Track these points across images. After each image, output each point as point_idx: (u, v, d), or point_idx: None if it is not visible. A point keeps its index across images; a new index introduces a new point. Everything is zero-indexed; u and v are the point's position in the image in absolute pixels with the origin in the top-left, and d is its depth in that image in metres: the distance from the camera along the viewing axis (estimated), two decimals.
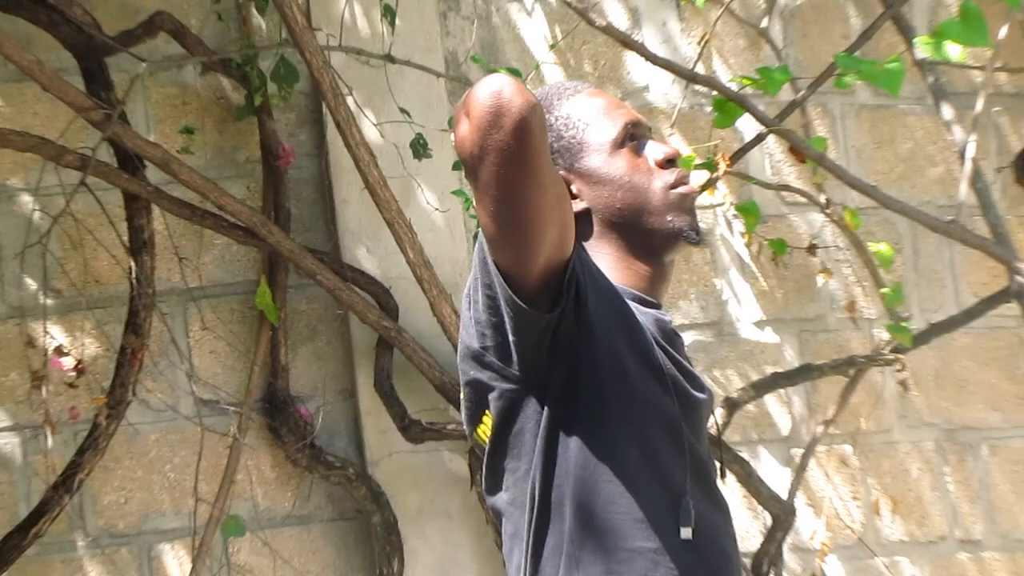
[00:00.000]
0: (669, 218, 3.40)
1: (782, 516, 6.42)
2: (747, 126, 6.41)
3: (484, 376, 3.23)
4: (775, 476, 6.57)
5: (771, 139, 6.39)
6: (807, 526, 6.66)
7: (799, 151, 6.33)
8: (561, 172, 3.39)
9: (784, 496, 6.44)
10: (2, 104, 6.24)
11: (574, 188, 3.41)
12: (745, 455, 6.52)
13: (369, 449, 6.30)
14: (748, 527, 6.66)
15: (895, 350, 6.40)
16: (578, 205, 3.37)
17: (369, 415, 6.28)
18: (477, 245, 3.26)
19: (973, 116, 6.42)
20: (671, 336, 3.43)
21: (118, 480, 6.18)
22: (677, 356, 3.38)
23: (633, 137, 3.44)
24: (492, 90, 3.00)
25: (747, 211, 6.49)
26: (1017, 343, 6.93)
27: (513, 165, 3.01)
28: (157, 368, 6.17)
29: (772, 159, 6.74)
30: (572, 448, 3.21)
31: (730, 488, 6.48)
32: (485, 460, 3.32)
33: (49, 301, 6.16)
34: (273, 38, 6.27)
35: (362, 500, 6.21)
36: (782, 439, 6.74)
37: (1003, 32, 6.02)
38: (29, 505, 6.00)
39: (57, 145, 5.84)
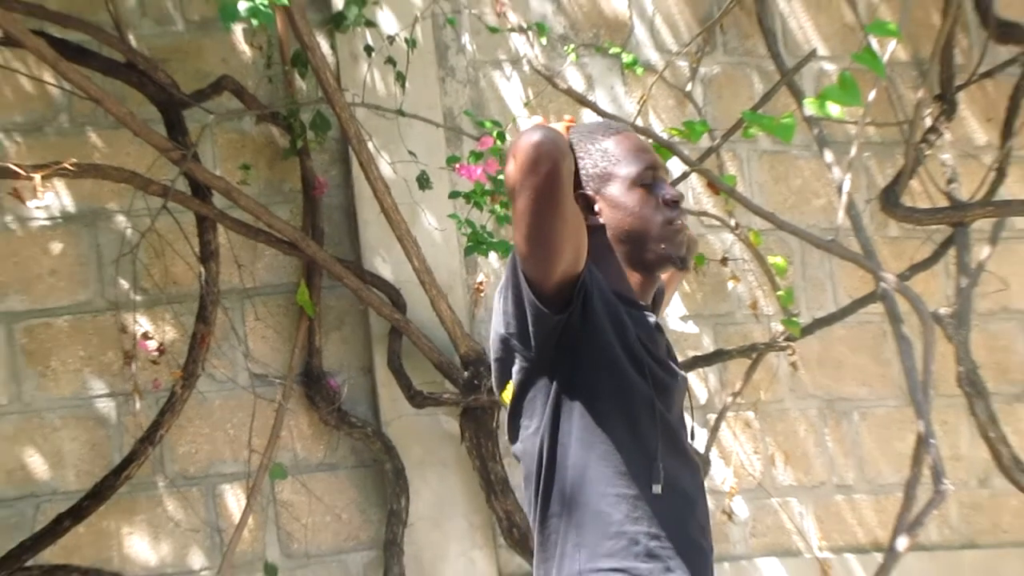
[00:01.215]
0: (663, 246, 3.51)
1: (700, 465, 6.60)
2: (675, 166, 6.24)
3: (509, 355, 3.43)
4: (695, 435, 6.70)
5: (693, 176, 6.35)
6: (719, 474, 6.66)
7: (715, 185, 6.36)
8: (590, 192, 3.52)
9: (702, 450, 6.42)
10: (103, 146, 6.21)
11: (597, 207, 3.51)
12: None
13: (383, 412, 6.33)
14: None
15: (787, 339, 6.44)
16: (597, 221, 3.48)
17: (383, 386, 6.32)
18: (511, 256, 3.40)
19: (848, 159, 6.40)
20: (652, 333, 3.54)
21: (189, 435, 6.22)
22: (654, 350, 3.50)
23: (650, 178, 3.52)
24: (534, 142, 3.21)
25: None
26: (881, 334, 6.87)
27: (543, 202, 3.21)
28: (220, 349, 6.23)
29: (694, 191, 6.68)
30: (575, 415, 3.38)
31: None
32: (508, 416, 3.51)
33: (137, 297, 6.17)
34: (311, 96, 6.26)
35: (377, 452, 6.26)
36: (700, 407, 6.70)
37: (872, 95, 6.02)
38: (121, 454, 6.05)
39: (144, 178, 5.87)
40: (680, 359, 6.29)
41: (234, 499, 6.21)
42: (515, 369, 3.44)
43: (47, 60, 5.63)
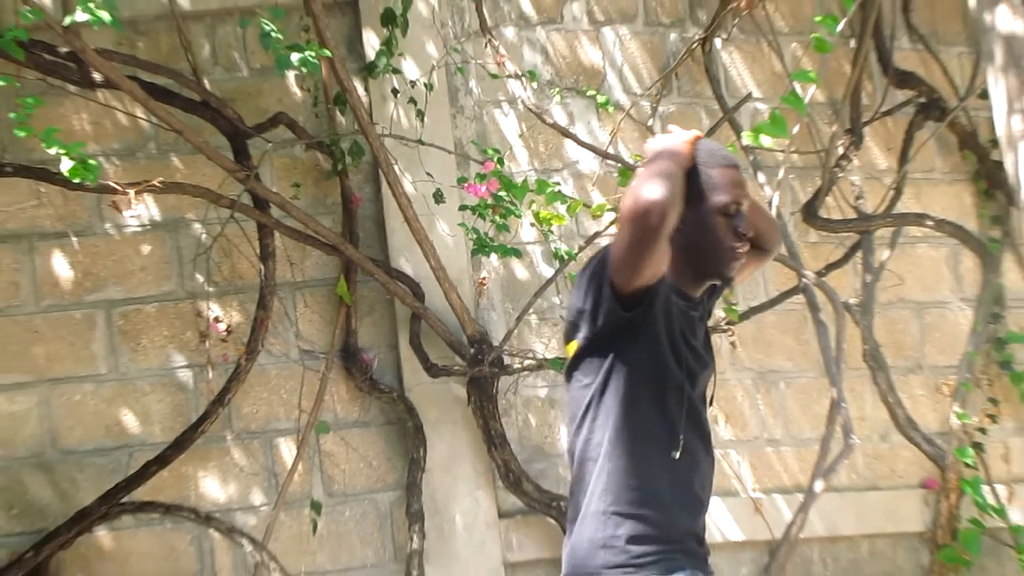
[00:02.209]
0: (719, 266, 3.58)
1: (711, 434, 6.39)
2: None
3: (578, 323, 3.51)
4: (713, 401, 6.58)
5: None
6: None
7: None
8: (688, 205, 3.49)
9: None
10: (183, 168, 6.19)
11: (689, 214, 3.51)
12: None
13: (406, 381, 6.29)
14: None
15: (728, 323, 6.39)
16: (683, 225, 3.46)
17: (406, 360, 6.28)
18: (602, 254, 3.46)
19: (777, 180, 6.46)
20: (693, 325, 3.62)
21: (251, 398, 6.19)
22: (691, 340, 3.57)
23: (733, 210, 3.54)
24: (656, 199, 3.26)
25: None
26: (803, 319, 6.75)
27: (644, 243, 3.29)
28: (276, 330, 6.20)
29: None
30: (621, 386, 3.47)
31: None
32: (567, 367, 3.58)
33: (210, 289, 6.18)
34: (349, 128, 6.21)
35: (401, 412, 6.23)
36: None
37: (795, 129, 5.97)
38: (197, 413, 6.05)
39: (216, 193, 5.87)
40: None
41: (287, 449, 6.19)
42: (580, 335, 3.52)
43: (139, 99, 5.64)
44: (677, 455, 3.49)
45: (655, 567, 3.42)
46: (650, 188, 3.28)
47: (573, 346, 3.56)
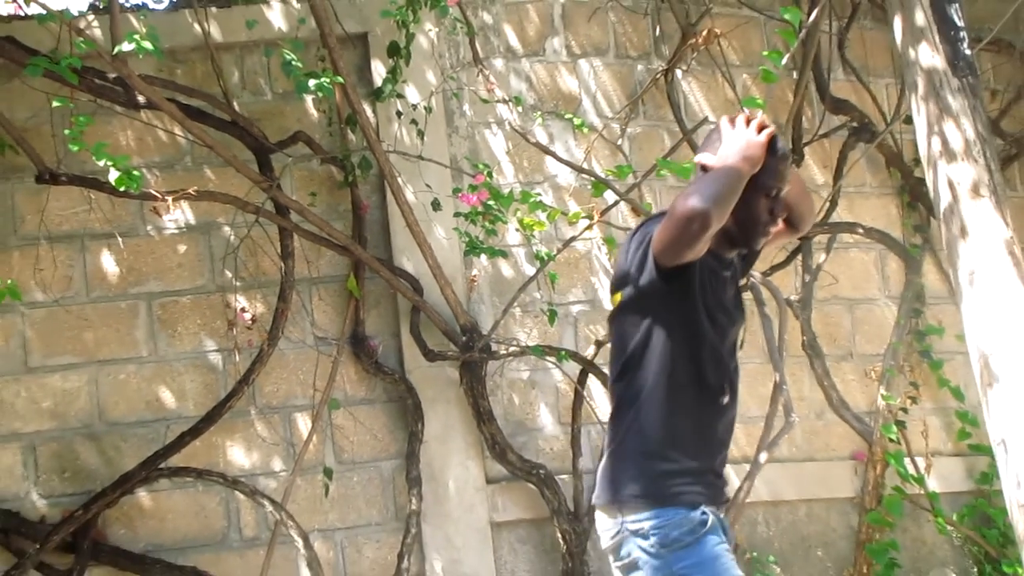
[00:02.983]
0: (752, 240, 3.59)
1: (736, 383, 6.26)
2: (610, 196, 6.21)
3: (625, 280, 3.49)
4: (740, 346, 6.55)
5: (622, 204, 6.31)
6: None
7: (636, 210, 6.27)
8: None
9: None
10: (215, 178, 6.15)
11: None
12: (606, 370, 6.05)
13: (407, 364, 6.24)
14: (606, 408, 5.89)
15: None
16: None
17: (407, 347, 6.23)
18: (650, 230, 3.41)
19: None
20: (724, 283, 3.59)
21: (273, 379, 6.16)
22: (722, 297, 3.56)
23: (775, 193, 3.52)
24: (704, 210, 3.20)
25: (609, 241, 6.31)
26: (750, 313, 5.91)
27: (684, 241, 3.27)
28: (294, 320, 6.15)
29: (622, 214, 6.48)
30: (662, 340, 3.45)
31: (597, 386, 6.39)
32: (613, 312, 3.57)
33: (237, 283, 6.15)
34: (359, 145, 6.16)
35: (402, 391, 6.19)
36: None
37: None
38: (225, 391, 6.03)
39: (243, 200, 5.86)
40: (604, 334, 6.20)
41: (303, 423, 6.17)
42: (625, 292, 3.50)
43: (176, 119, 5.66)
44: (704, 405, 3.50)
45: (677, 499, 3.40)
46: (707, 198, 3.24)
47: (618, 297, 3.53)
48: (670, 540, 3.39)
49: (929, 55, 5.65)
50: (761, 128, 3.51)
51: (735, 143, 3.46)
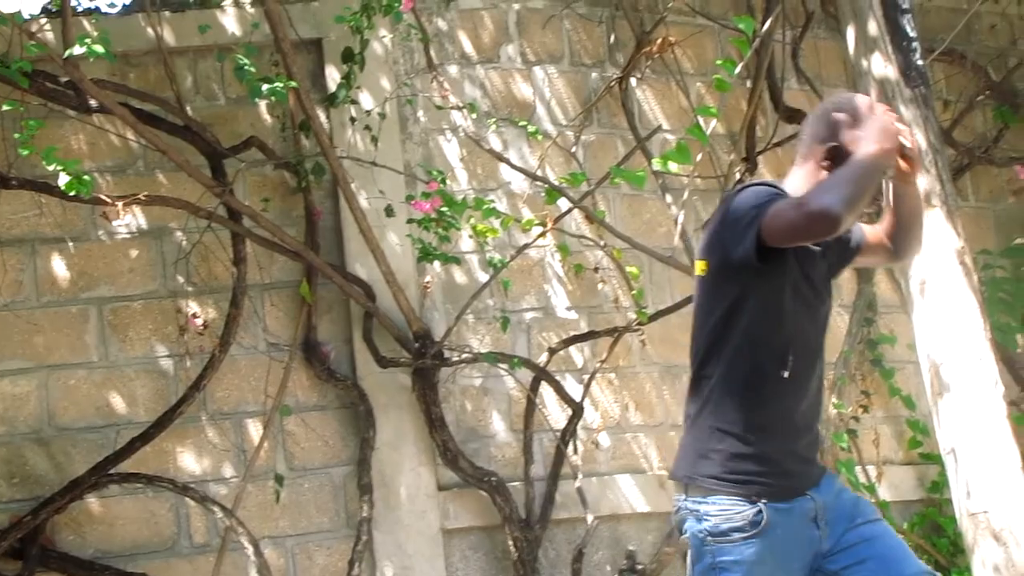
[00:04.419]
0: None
1: (577, 410, 6.36)
2: (563, 204, 6.29)
3: (715, 249, 3.34)
4: (573, 389, 6.46)
5: (576, 211, 6.34)
6: (590, 416, 6.53)
7: (590, 217, 6.37)
8: (844, 149, 3.32)
9: (577, 399, 6.37)
10: (167, 183, 6.12)
11: (836, 164, 3.34)
12: (558, 377, 6.39)
13: (359, 370, 6.24)
14: (558, 415, 6.45)
15: (639, 324, 6.36)
16: (828, 168, 3.36)
17: (359, 353, 6.24)
18: (744, 203, 3.26)
19: (682, 200, 6.43)
20: (814, 259, 3.42)
21: (224, 385, 6.14)
22: (811, 274, 3.39)
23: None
24: (834, 211, 3.05)
25: (563, 248, 6.41)
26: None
27: (803, 234, 3.15)
28: (246, 326, 6.15)
29: (576, 221, 6.51)
30: (745, 316, 3.31)
31: (549, 393, 6.38)
32: (699, 277, 3.41)
33: (189, 288, 6.14)
34: (312, 151, 6.13)
35: (354, 398, 6.19)
36: (578, 369, 6.58)
37: (699, 157, 6.02)
38: (176, 396, 6.00)
39: (195, 205, 5.88)
40: (563, 338, 6.55)
41: (254, 429, 6.16)
42: (714, 259, 3.36)
43: (129, 123, 5.72)
44: (787, 385, 3.36)
45: (739, 489, 3.32)
46: (844, 201, 3.11)
47: (703, 265, 3.43)
48: (719, 531, 3.33)
49: (882, 65, 5.79)
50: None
51: (876, 132, 3.27)
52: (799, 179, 3.46)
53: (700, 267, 3.44)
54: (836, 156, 3.39)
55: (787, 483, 3.36)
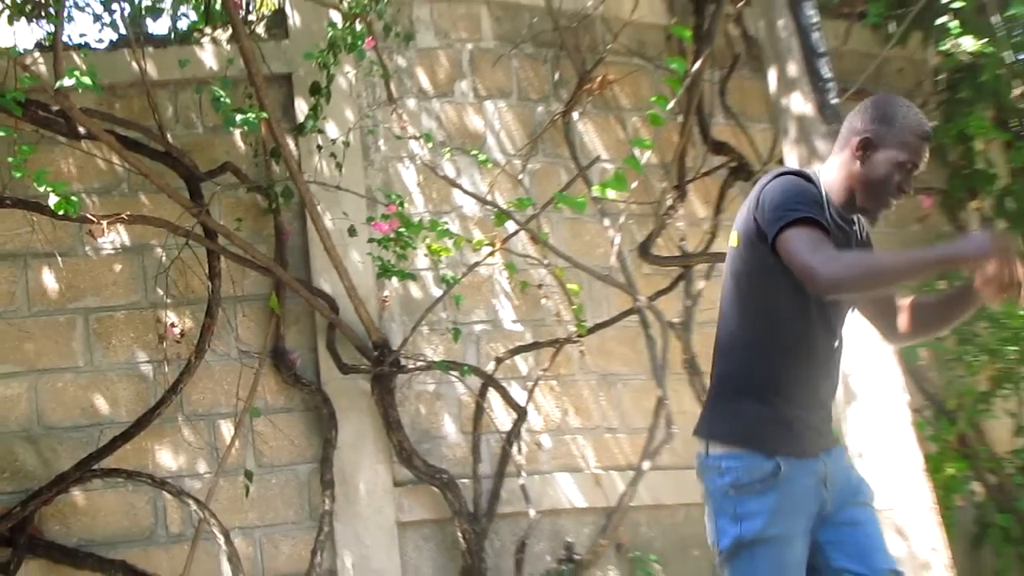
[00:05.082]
0: (874, 207, 3.30)
1: (521, 414, 6.34)
2: (511, 226, 6.22)
3: (748, 227, 3.24)
4: (518, 394, 6.42)
5: (522, 233, 6.29)
6: (534, 419, 6.49)
7: (535, 238, 6.32)
8: (876, 142, 3.26)
9: (522, 404, 6.36)
10: (149, 204, 6.09)
11: (869, 153, 3.28)
12: (504, 384, 6.36)
13: (323, 376, 6.22)
14: (504, 419, 6.38)
15: (578, 336, 6.33)
16: (867, 161, 3.27)
17: (323, 360, 6.22)
18: (775, 200, 3.16)
19: (619, 224, 6.49)
20: (849, 237, 3.33)
21: (199, 388, 6.13)
22: None
23: (907, 169, 3.27)
24: (841, 280, 2.98)
25: (510, 267, 6.29)
26: (636, 334, 6.63)
27: (795, 271, 3.05)
28: (220, 335, 6.12)
29: (523, 242, 6.40)
30: (771, 293, 3.22)
31: (496, 399, 6.33)
32: (732, 247, 3.33)
33: (168, 300, 6.12)
34: (282, 176, 6.11)
35: (318, 401, 6.17)
36: (522, 377, 6.52)
37: (634, 185, 6.05)
38: (155, 398, 6.00)
39: (175, 224, 5.88)
40: (509, 349, 6.18)
41: (227, 429, 6.13)
42: (745, 235, 3.28)
43: (114, 149, 5.77)
44: (809, 358, 3.31)
45: (758, 444, 3.27)
46: (852, 284, 3.05)
47: (737, 236, 3.34)
48: (741, 483, 3.28)
49: (801, 103, 5.86)
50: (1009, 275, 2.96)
51: (989, 246, 2.94)
52: (835, 167, 3.39)
53: (734, 238, 3.36)
54: (867, 147, 3.33)
55: (802, 444, 3.31)
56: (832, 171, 3.36)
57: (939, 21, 6.57)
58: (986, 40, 6.52)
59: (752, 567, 3.28)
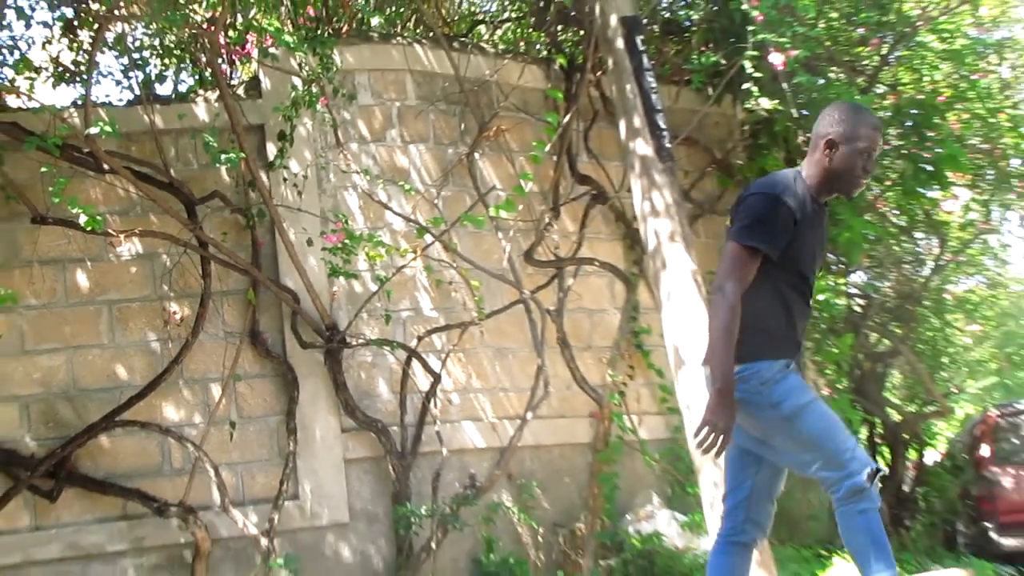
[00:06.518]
0: (849, 188, 3.38)
1: (436, 378, 6.41)
2: (428, 238, 6.34)
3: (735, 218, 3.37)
4: (434, 363, 6.44)
5: (437, 243, 6.33)
6: (447, 382, 6.54)
7: (446, 247, 6.30)
8: (836, 140, 3.32)
9: (437, 370, 6.38)
10: (157, 222, 6.06)
11: (835, 149, 3.33)
12: (424, 356, 6.40)
13: (288, 351, 6.34)
14: (423, 382, 6.43)
15: (479, 320, 6.40)
16: (831, 155, 3.34)
17: (288, 339, 6.34)
18: (753, 211, 3.29)
19: (510, 235, 6.77)
20: (822, 218, 3.42)
21: (195, 360, 6.25)
22: (811, 237, 3.40)
23: (866, 155, 3.33)
24: (721, 298, 3.21)
25: (428, 268, 6.44)
26: (523, 318, 6.68)
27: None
28: (211, 320, 6.23)
29: (437, 250, 6.40)
30: (775, 265, 3.34)
31: (418, 368, 6.41)
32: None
33: (172, 294, 6.25)
34: (257, 201, 6.19)
35: (284, 369, 6.30)
36: (437, 350, 6.48)
37: (521, 207, 6.12)
38: (162, 368, 6.13)
39: (176, 237, 6.03)
40: (427, 329, 6.29)
41: (217, 389, 6.24)
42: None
43: (130, 180, 5.97)
44: (796, 303, 3.42)
45: (768, 354, 3.36)
46: (720, 315, 3.20)
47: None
48: (765, 379, 3.36)
49: (643, 147, 6.24)
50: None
51: (717, 415, 3.22)
52: (811, 164, 3.45)
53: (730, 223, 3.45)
54: (832, 145, 3.40)
55: (792, 353, 3.47)
56: (810, 168, 3.46)
57: (744, 86, 6.70)
58: (778, 100, 6.68)
59: (812, 415, 3.39)
